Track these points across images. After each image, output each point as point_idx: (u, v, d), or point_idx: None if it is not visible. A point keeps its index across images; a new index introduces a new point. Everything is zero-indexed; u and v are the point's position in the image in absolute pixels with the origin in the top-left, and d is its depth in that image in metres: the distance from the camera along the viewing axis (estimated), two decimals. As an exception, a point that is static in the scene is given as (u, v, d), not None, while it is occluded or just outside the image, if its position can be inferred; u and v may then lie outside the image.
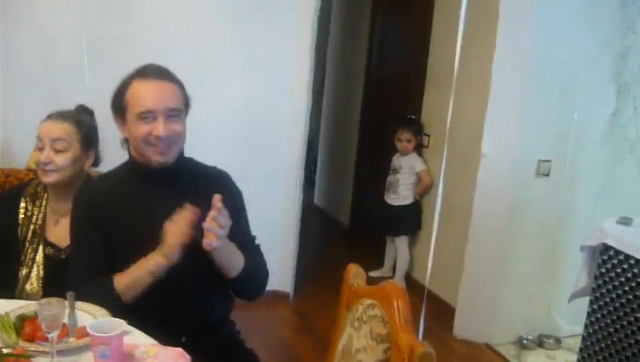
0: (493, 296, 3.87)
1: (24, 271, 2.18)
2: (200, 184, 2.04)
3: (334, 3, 5.62)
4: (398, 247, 4.72)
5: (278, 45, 3.98)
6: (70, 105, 2.36)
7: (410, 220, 4.74)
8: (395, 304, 1.47)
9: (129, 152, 2.06)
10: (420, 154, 4.64)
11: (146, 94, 1.93)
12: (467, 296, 3.97)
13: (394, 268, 4.80)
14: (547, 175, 3.78)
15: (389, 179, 4.73)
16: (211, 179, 2.11)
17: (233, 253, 1.96)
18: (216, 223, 1.80)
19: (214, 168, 2.17)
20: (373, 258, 4.92)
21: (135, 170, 2.04)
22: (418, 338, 1.41)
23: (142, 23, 3.69)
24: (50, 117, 2.22)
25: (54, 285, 2.08)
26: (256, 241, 2.20)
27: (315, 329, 3.99)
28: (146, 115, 1.92)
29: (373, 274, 4.61)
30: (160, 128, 1.91)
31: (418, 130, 4.62)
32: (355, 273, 1.77)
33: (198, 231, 1.83)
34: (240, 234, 2.03)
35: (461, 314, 4.00)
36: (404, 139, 4.57)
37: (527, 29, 3.59)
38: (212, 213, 1.79)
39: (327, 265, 4.94)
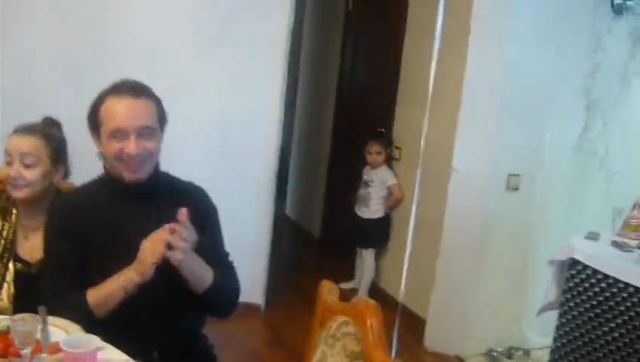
0: (464, 308, 3.90)
1: None
2: (175, 199, 2.02)
3: (307, 17, 5.66)
4: (365, 259, 4.73)
5: (252, 59, 3.98)
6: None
7: (379, 233, 4.75)
8: (368, 322, 1.48)
9: (104, 167, 2.05)
10: (390, 167, 4.67)
11: (119, 112, 1.92)
12: (438, 309, 3.99)
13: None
14: (517, 189, 3.83)
15: (360, 192, 4.74)
16: (186, 195, 2.10)
17: (200, 267, 1.94)
18: (180, 237, 1.79)
19: (190, 184, 2.16)
20: (344, 269, 4.92)
21: (110, 185, 2.03)
22: (391, 357, 1.42)
23: (119, 38, 3.69)
24: (17, 131, 2.18)
25: (25, 300, 2.05)
26: (230, 258, 2.18)
27: (288, 342, 3.98)
28: (118, 133, 1.91)
29: (344, 286, 4.61)
30: (131, 146, 1.90)
31: (388, 142, 4.66)
32: (328, 289, 1.78)
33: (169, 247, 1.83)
34: (211, 249, 2.03)
35: (432, 327, 4.02)
36: (373, 151, 4.60)
37: (498, 46, 3.64)
38: (176, 227, 1.79)
39: (298, 277, 4.94)
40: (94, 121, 1.97)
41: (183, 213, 1.81)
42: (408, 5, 4.59)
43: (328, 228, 5.87)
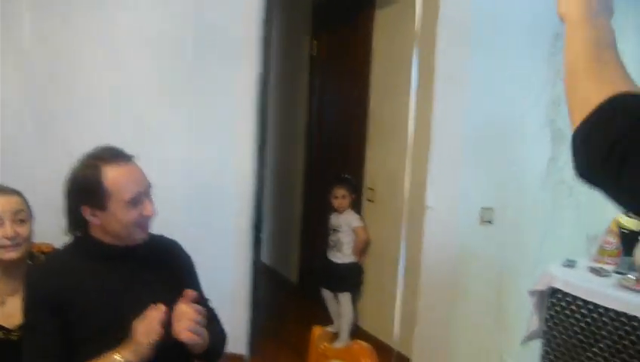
0: (447, 345, 3.92)
1: None
2: (154, 256, 2.05)
3: (273, 63, 5.73)
4: (342, 304, 4.73)
5: (221, 106, 4.02)
6: (14, 180, 2.32)
7: (354, 277, 4.80)
8: (364, 364, 1.50)
9: (83, 235, 2.02)
10: (358, 211, 4.72)
11: (128, 180, 1.94)
12: (422, 347, 4.00)
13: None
14: (490, 222, 3.88)
15: (331, 238, 4.79)
16: (163, 250, 2.13)
17: (205, 338, 1.94)
18: (200, 325, 1.82)
19: (162, 237, 2.18)
20: (323, 315, 4.91)
21: (95, 252, 2.00)
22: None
23: (84, 89, 3.70)
24: None
25: None
26: (210, 304, 2.19)
27: (273, 389, 3.96)
28: (136, 200, 1.93)
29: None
30: (149, 208, 1.96)
31: (353, 187, 4.72)
32: (320, 335, 1.80)
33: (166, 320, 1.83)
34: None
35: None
36: (339, 195, 4.66)
37: (462, 84, 3.73)
38: (189, 310, 1.82)
39: (279, 324, 4.93)
40: (95, 194, 1.92)
41: (189, 294, 1.84)
42: (372, 48, 4.68)
43: (305, 273, 5.87)
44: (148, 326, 1.81)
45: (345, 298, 4.73)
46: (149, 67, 3.87)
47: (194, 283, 2.13)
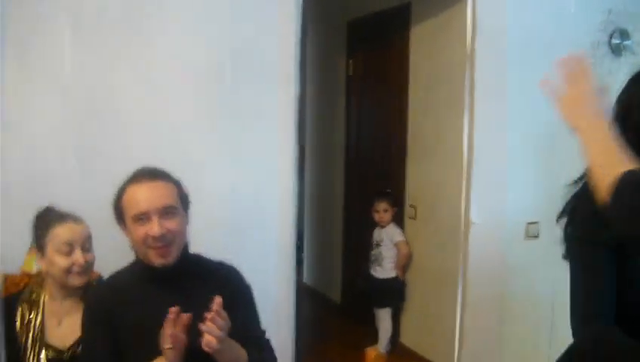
0: (494, 360, 3.85)
1: None
2: (206, 281, 2.05)
3: (309, 84, 5.75)
4: (381, 319, 4.70)
5: (259, 130, 4.01)
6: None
7: (394, 292, 4.75)
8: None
9: (136, 254, 2.07)
10: (400, 225, 4.69)
11: (139, 197, 1.98)
12: (469, 363, 3.94)
13: (390, 341, 4.75)
14: (537, 236, 3.82)
15: (372, 252, 4.77)
16: (218, 276, 2.12)
17: (234, 352, 1.93)
18: (215, 325, 1.79)
19: (221, 263, 2.18)
20: (368, 334, 4.87)
21: (143, 272, 2.05)
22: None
23: (124, 120, 3.73)
24: (62, 219, 2.23)
25: None
26: (266, 336, 2.18)
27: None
28: (141, 217, 1.95)
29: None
30: (154, 228, 1.94)
31: (394, 201, 4.71)
32: (375, 357, 1.76)
33: (195, 331, 1.82)
34: (245, 329, 2.03)
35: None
36: (380, 209, 4.66)
37: (503, 97, 3.70)
38: (210, 315, 1.79)
39: (324, 345, 4.89)
40: (118, 211, 2.03)
41: (216, 301, 1.81)
42: (409, 64, 4.66)
43: (349, 292, 5.83)
44: (164, 330, 1.82)
45: (384, 313, 4.69)
46: (187, 92, 3.88)
47: (248, 312, 2.13)
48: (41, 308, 2.25)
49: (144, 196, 1.97)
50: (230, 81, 3.92)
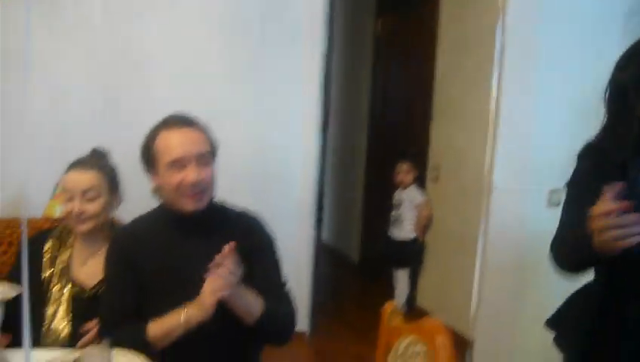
0: (512, 327, 3.86)
1: (50, 310, 2.18)
2: (230, 230, 2.05)
3: (336, 43, 5.71)
4: (398, 280, 4.72)
5: (287, 85, 4.02)
6: (80, 153, 2.36)
7: (412, 254, 4.74)
8: (437, 340, 1.48)
9: (161, 202, 2.08)
10: (422, 187, 4.67)
11: (174, 142, 1.96)
12: (486, 329, 3.95)
13: (407, 301, 4.79)
14: (559, 204, 3.79)
15: (392, 213, 4.75)
16: (242, 225, 2.12)
17: (247, 299, 1.93)
18: (227, 270, 1.80)
19: (246, 213, 2.18)
20: (385, 293, 4.90)
21: (168, 218, 2.05)
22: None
23: (152, 70, 3.75)
24: (74, 167, 2.23)
25: (78, 324, 2.13)
26: (285, 287, 2.17)
27: (335, 367, 3.98)
28: (177, 163, 1.94)
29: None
30: (191, 175, 1.93)
31: (417, 162, 4.66)
32: (392, 311, 1.78)
33: None
34: (265, 278, 2.04)
35: (480, 348, 3.97)
36: (402, 170, 4.60)
37: (535, 59, 3.65)
38: (222, 261, 1.80)
39: (341, 303, 4.95)
40: (149, 157, 2.01)
41: (230, 247, 1.82)
42: (438, 27, 4.61)
43: (367, 252, 5.86)
44: (213, 284, 1.82)
45: (402, 275, 4.71)
46: (214, 47, 3.89)
47: (268, 262, 2.12)
48: (68, 246, 2.29)
49: (179, 142, 1.96)
50: (257, 37, 3.92)
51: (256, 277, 1.96)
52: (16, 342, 1.83)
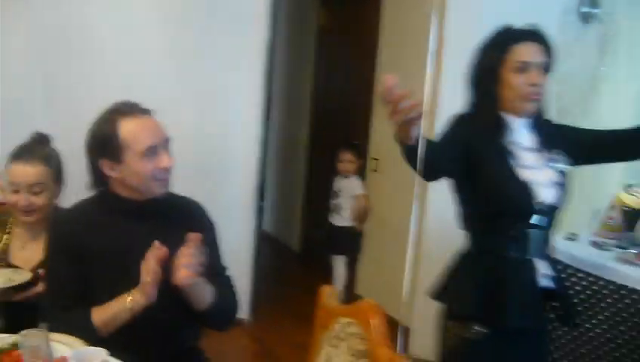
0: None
1: None
2: (177, 216, 2.07)
3: (279, 31, 5.72)
4: (337, 266, 4.77)
5: (228, 72, 4.02)
6: (24, 136, 2.34)
7: (350, 240, 4.79)
8: (372, 321, 1.53)
9: (105, 190, 2.06)
10: (362, 178, 4.74)
11: (143, 130, 1.96)
12: (422, 316, 4.03)
13: (346, 287, 4.84)
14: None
15: (332, 202, 4.80)
16: (185, 211, 2.14)
17: (203, 287, 1.97)
18: (193, 260, 1.82)
19: (187, 199, 2.20)
20: (325, 282, 4.92)
21: (112, 204, 2.04)
22: (396, 352, 1.47)
23: (93, 54, 3.71)
24: (18, 159, 2.21)
25: (17, 308, 2.10)
26: (227, 272, 2.21)
27: (274, 354, 4.02)
28: (150, 151, 1.94)
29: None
30: (165, 160, 1.97)
31: (359, 153, 4.72)
32: (329, 293, 1.83)
33: (167, 265, 1.86)
34: (210, 265, 2.04)
35: (418, 334, 4.06)
36: (345, 159, 4.64)
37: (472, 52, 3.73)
38: (189, 250, 1.82)
39: (281, 290, 4.98)
40: (111, 147, 1.96)
41: (195, 236, 1.85)
42: (380, 17, 4.67)
43: (308, 241, 5.91)
44: (147, 264, 1.84)
45: (339, 261, 4.77)
46: (158, 30, 3.87)
47: (212, 247, 2.13)
48: (7, 230, 2.29)
49: (149, 130, 1.97)
50: (201, 25, 3.91)
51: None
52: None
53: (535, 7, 3.84)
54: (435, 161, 2.00)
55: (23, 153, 2.22)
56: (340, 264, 4.76)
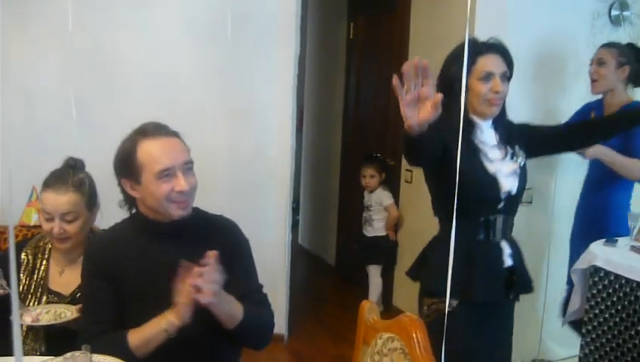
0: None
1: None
2: (206, 235, 2.07)
3: (309, 46, 5.75)
4: (372, 275, 4.78)
5: (260, 87, 4.05)
6: (57, 159, 2.35)
7: (384, 249, 4.83)
8: (414, 335, 1.52)
9: (135, 210, 2.10)
10: (394, 192, 4.77)
11: (161, 152, 1.96)
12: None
13: (382, 298, 4.85)
14: (530, 202, 3.86)
15: (364, 215, 4.86)
16: (217, 230, 2.14)
17: (230, 305, 1.96)
18: (208, 279, 1.81)
19: (221, 218, 2.20)
20: (361, 295, 4.94)
21: (144, 226, 2.07)
22: (439, 367, 1.46)
23: (123, 74, 3.77)
24: (50, 186, 2.21)
25: (56, 334, 2.12)
26: (264, 291, 2.21)
27: (313, 368, 4.02)
28: (165, 173, 1.95)
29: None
30: (182, 183, 1.95)
31: (382, 166, 4.78)
32: (369, 309, 1.82)
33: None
34: (242, 283, 2.06)
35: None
36: (367, 175, 4.75)
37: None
38: (204, 270, 1.81)
39: (317, 305, 4.98)
40: (130, 167, 1.98)
41: (211, 255, 1.84)
42: (409, 29, 4.66)
43: (343, 254, 5.90)
44: (179, 285, 1.84)
45: (374, 270, 4.78)
46: (187, 50, 3.91)
47: (245, 267, 2.14)
48: (46, 255, 2.31)
49: (166, 151, 1.97)
50: (230, 40, 3.93)
51: (233, 282, 1.97)
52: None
53: (566, 11, 3.83)
54: (423, 146, 2.11)
55: (54, 181, 2.22)
56: (375, 273, 4.78)
